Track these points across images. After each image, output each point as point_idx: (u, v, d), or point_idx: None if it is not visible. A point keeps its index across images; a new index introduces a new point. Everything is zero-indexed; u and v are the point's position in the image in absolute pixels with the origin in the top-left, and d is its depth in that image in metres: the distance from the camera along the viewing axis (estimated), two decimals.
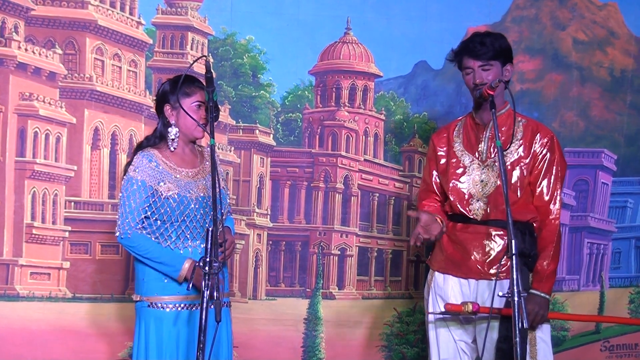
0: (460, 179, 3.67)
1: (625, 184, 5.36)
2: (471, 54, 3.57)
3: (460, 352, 3.71)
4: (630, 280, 5.38)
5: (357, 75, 4.97)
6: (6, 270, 4.56)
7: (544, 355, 3.60)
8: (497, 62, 3.58)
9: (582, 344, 5.17)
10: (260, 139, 4.86)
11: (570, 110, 5.15)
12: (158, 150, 3.49)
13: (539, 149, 3.62)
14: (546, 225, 3.62)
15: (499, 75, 3.56)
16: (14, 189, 4.57)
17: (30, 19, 4.59)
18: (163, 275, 3.44)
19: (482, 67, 3.56)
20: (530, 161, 3.62)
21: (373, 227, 5.04)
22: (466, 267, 3.63)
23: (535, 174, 3.62)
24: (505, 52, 3.61)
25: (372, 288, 5.03)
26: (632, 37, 5.25)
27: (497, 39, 3.61)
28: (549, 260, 3.57)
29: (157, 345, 3.43)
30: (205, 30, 4.80)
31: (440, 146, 3.78)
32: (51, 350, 4.56)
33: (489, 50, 3.55)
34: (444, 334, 3.71)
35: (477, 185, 3.63)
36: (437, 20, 4.92)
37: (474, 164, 3.66)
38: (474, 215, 3.62)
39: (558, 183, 3.64)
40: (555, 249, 3.59)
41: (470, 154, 3.68)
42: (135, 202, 3.41)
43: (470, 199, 3.64)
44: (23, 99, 4.58)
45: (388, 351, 4.99)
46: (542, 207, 3.63)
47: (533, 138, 3.63)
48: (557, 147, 3.66)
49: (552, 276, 3.59)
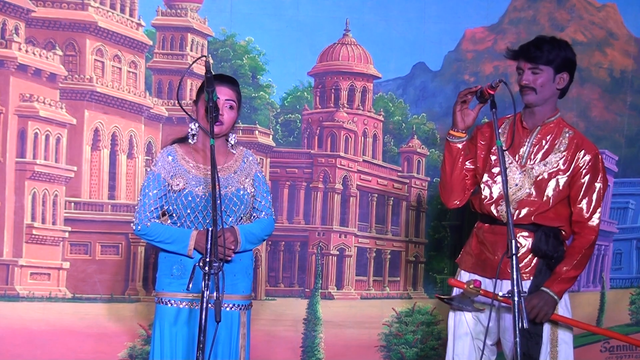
0: (496, 178, 3.61)
1: (626, 185, 5.35)
2: (525, 55, 3.53)
3: (476, 351, 3.65)
4: (631, 281, 5.37)
5: (356, 77, 4.99)
6: (6, 270, 4.58)
7: (565, 357, 3.54)
8: (549, 67, 3.51)
9: (583, 345, 5.15)
10: (260, 139, 4.87)
11: (570, 111, 5.14)
12: (181, 147, 3.51)
13: (582, 166, 3.55)
14: (582, 236, 3.54)
15: (549, 82, 3.51)
16: (14, 189, 4.59)
17: (30, 20, 4.61)
18: (170, 271, 3.44)
19: (532, 69, 3.51)
20: (570, 176, 3.55)
21: (372, 228, 5.05)
22: (491, 268, 3.59)
23: (576, 190, 3.55)
24: (560, 60, 3.52)
25: (371, 288, 5.04)
26: (632, 38, 5.24)
27: (557, 47, 3.53)
28: (571, 267, 3.49)
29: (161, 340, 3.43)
30: (204, 32, 4.82)
31: (482, 140, 3.69)
32: (51, 350, 4.58)
33: (543, 55, 3.49)
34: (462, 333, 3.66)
35: (510, 188, 3.60)
36: (436, 22, 4.92)
37: (512, 166, 3.63)
38: (501, 217, 3.57)
39: (599, 202, 3.56)
40: (581, 259, 3.51)
41: (511, 155, 3.61)
42: (153, 193, 3.43)
43: (500, 199, 3.58)
44: (23, 100, 4.61)
45: (387, 351, 4.99)
46: (580, 223, 3.56)
47: (576, 153, 3.55)
48: (601, 165, 3.58)
49: (567, 281, 3.50)
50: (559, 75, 3.53)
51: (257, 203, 3.58)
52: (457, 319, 3.71)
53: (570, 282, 3.52)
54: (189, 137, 3.51)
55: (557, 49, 3.54)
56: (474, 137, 3.72)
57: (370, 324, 4.97)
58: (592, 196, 3.55)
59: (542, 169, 3.56)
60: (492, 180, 3.62)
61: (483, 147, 3.67)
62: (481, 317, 3.66)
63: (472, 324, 3.68)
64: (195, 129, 3.49)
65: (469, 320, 3.68)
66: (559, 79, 3.54)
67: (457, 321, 3.71)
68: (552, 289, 3.48)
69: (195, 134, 3.49)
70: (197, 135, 3.50)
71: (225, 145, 3.55)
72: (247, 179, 3.57)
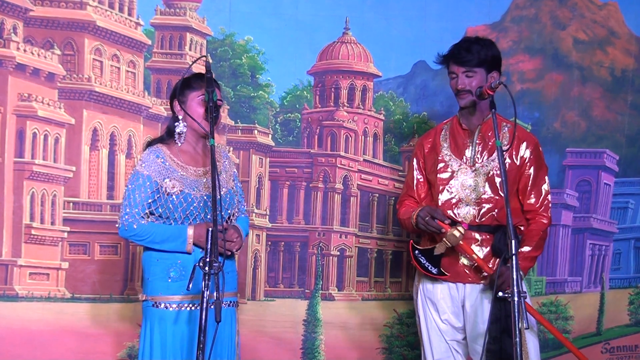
0: (449, 183, 3.69)
1: (626, 185, 5.34)
2: (456, 59, 3.64)
3: (453, 351, 3.74)
4: (629, 281, 5.36)
5: (356, 75, 4.97)
6: (5, 270, 4.57)
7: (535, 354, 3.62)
8: (482, 69, 3.62)
9: (583, 346, 5.14)
10: (259, 139, 4.86)
11: (572, 110, 5.13)
12: (167, 147, 3.49)
13: (525, 158, 3.68)
14: (536, 222, 3.68)
15: (482, 82, 3.60)
16: (12, 189, 4.58)
17: (29, 19, 4.60)
18: (167, 275, 3.43)
19: (466, 73, 3.62)
20: (516, 169, 3.67)
21: (372, 228, 5.02)
22: (454, 272, 3.64)
23: (524, 182, 3.69)
24: (491, 59, 3.64)
25: (372, 289, 5.02)
26: (633, 37, 5.23)
27: (485, 47, 3.65)
28: (531, 248, 3.63)
29: (162, 345, 3.42)
30: (203, 31, 4.81)
31: (426, 150, 3.82)
32: (50, 350, 4.57)
33: (474, 58, 3.61)
34: (435, 334, 3.75)
35: (466, 190, 3.67)
36: (436, 20, 4.91)
37: (462, 168, 3.68)
38: (463, 220, 3.63)
39: (547, 189, 3.72)
40: (539, 241, 3.65)
41: (458, 158, 3.69)
42: (140, 196, 3.40)
43: (459, 203, 3.67)
44: (22, 100, 4.59)
45: (388, 353, 4.96)
46: (532, 212, 3.70)
47: (519, 146, 3.68)
48: (541, 153, 3.72)
49: (530, 260, 3.65)
50: (490, 74, 3.64)
51: (237, 203, 3.62)
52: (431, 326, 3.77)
53: (532, 262, 3.68)
54: (176, 138, 3.49)
55: (486, 49, 3.66)
56: (415, 155, 3.86)
57: (371, 326, 4.95)
58: (540, 187, 3.70)
59: (491, 165, 3.65)
60: (445, 185, 3.69)
61: (426, 157, 3.80)
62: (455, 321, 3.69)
63: (446, 327, 3.72)
64: (182, 128, 3.48)
65: (442, 326, 3.74)
66: (490, 78, 3.63)
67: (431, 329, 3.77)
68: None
69: (180, 132, 3.48)
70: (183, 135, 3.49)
71: (206, 146, 3.55)
72: (231, 179, 3.60)
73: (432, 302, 3.74)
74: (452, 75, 3.67)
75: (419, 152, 3.85)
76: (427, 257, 3.64)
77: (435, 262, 3.63)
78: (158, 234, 3.40)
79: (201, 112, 3.43)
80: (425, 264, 3.64)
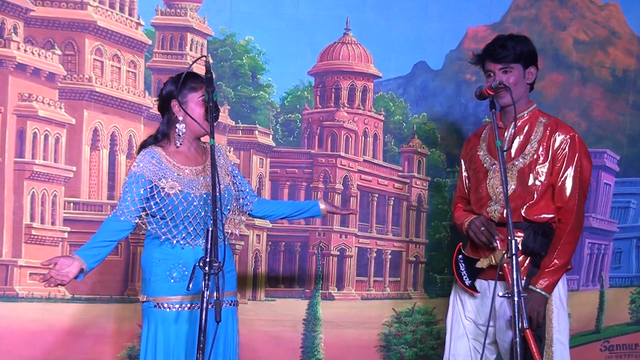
0: (482, 182, 3.67)
1: (627, 185, 5.34)
2: (492, 57, 3.58)
3: (471, 349, 3.69)
4: (631, 280, 5.37)
5: (357, 76, 4.97)
6: (5, 270, 4.58)
7: (560, 357, 3.56)
8: (519, 65, 3.57)
9: (582, 344, 5.16)
10: (260, 139, 4.86)
11: (572, 111, 5.13)
12: (161, 148, 3.49)
13: (557, 149, 3.56)
14: (562, 222, 3.55)
15: (521, 78, 3.57)
16: (13, 189, 4.58)
17: (29, 19, 4.59)
18: (169, 275, 3.43)
19: (503, 70, 3.57)
20: (550, 162, 3.57)
21: (372, 228, 5.03)
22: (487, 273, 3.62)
23: (555, 175, 3.56)
24: (527, 55, 3.59)
25: (371, 289, 5.03)
26: (634, 37, 5.22)
27: (520, 42, 3.59)
28: (553, 257, 3.50)
29: (165, 345, 3.42)
30: (204, 31, 4.80)
31: (467, 151, 3.82)
32: (50, 350, 4.57)
33: (510, 53, 3.55)
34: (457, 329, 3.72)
35: (497, 188, 3.62)
36: (437, 21, 4.91)
37: (494, 167, 3.65)
38: (492, 217, 3.61)
39: (576, 184, 3.54)
40: (562, 246, 3.51)
41: (493, 157, 3.66)
42: (132, 194, 3.40)
43: (488, 201, 3.63)
44: (22, 100, 4.59)
45: (386, 351, 4.98)
46: (562, 209, 3.56)
47: (551, 138, 3.57)
48: (578, 145, 3.56)
49: (554, 273, 3.50)
50: (527, 70, 3.60)
51: (243, 193, 3.64)
52: (455, 320, 3.73)
53: (557, 273, 3.51)
54: (177, 139, 3.49)
55: (521, 44, 3.61)
56: (462, 156, 3.88)
57: (370, 324, 4.96)
58: (571, 179, 3.54)
59: (522, 161, 3.60)
60: (479, 184, 3.68)
61: (468, 158, 3.80)
62: (478, 318, 3.67)
63: (469, 325, 3.69)
64: (183, 129, 3.48)
65: (466, 323, 3.70)
66: (527, 73, 3.61)
67: (455, 322, 3.73)
68: (538, 285, 3.49)
69: (181, 134, 3.48)
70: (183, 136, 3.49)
71: (200, 145, 3.58)
72: (227, 174, 3.60)
73: (461, 300, 3.72)
74: (488, 73, 3.59)
75: (464, 152, 3.85)
76: (467, 266, 3.63)
77: (472, 274, 3.61)
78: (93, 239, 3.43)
79: (201, 113, 3.43)
80: (462, 271, 3.64)
